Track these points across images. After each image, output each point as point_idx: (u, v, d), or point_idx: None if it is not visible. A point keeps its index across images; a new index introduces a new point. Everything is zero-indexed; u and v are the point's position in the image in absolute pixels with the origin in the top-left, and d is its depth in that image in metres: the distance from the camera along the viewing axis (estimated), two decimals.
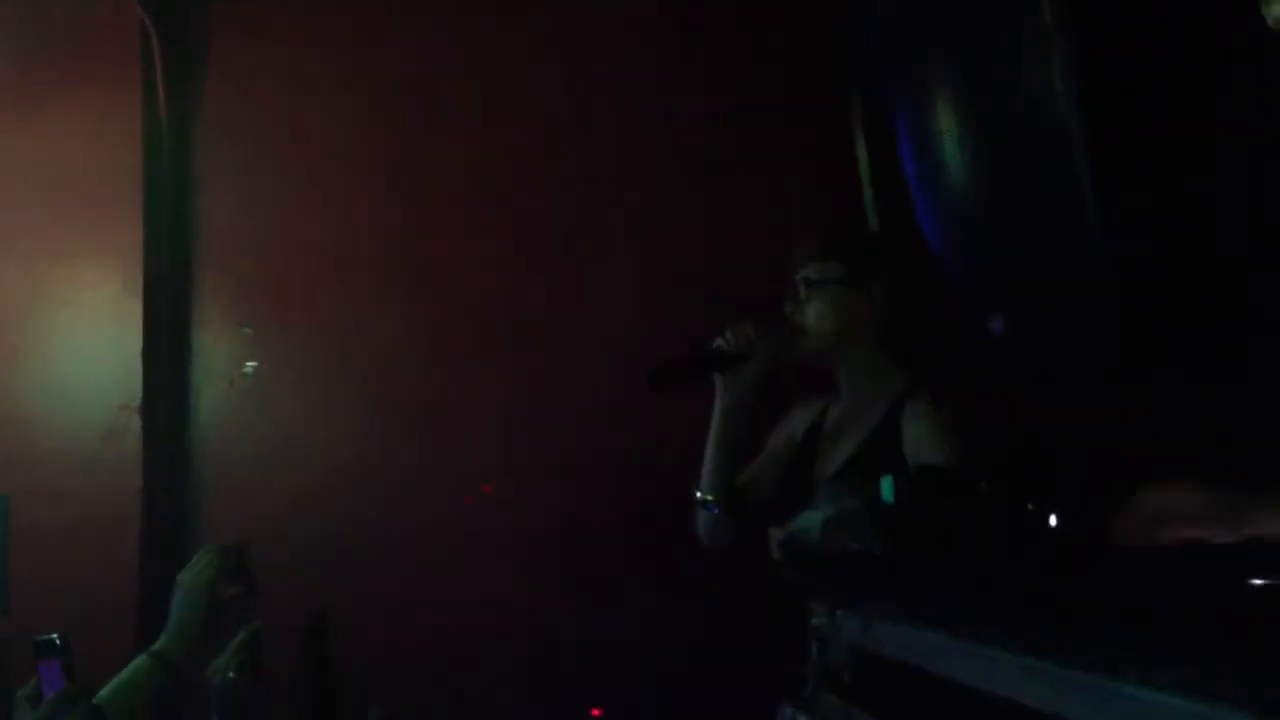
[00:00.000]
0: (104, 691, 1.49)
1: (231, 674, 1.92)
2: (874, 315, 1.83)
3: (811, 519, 0.78)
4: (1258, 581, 0.60)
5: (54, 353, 2.64)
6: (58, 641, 1.40)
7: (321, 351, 2.76)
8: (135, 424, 2.60)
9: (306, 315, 2.77)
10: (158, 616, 2.42)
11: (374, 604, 2.65)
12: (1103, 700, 0.65)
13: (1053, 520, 0.86)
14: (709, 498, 1.93)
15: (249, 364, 2.73)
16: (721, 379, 1.87)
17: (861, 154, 2.76)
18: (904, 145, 2.54)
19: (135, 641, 2.46)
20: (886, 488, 0.75)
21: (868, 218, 2.74)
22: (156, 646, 1.55)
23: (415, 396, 2.75)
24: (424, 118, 2.87)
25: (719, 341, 1.85)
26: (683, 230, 2.84)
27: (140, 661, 1.52)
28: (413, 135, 2.86)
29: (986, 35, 2.17)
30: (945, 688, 0.87)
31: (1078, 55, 1.92)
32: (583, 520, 2.70)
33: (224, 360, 2.74)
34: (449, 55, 2.90)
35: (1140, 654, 0.63)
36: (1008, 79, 2.13)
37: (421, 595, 2.66)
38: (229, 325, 2.75)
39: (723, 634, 2.63)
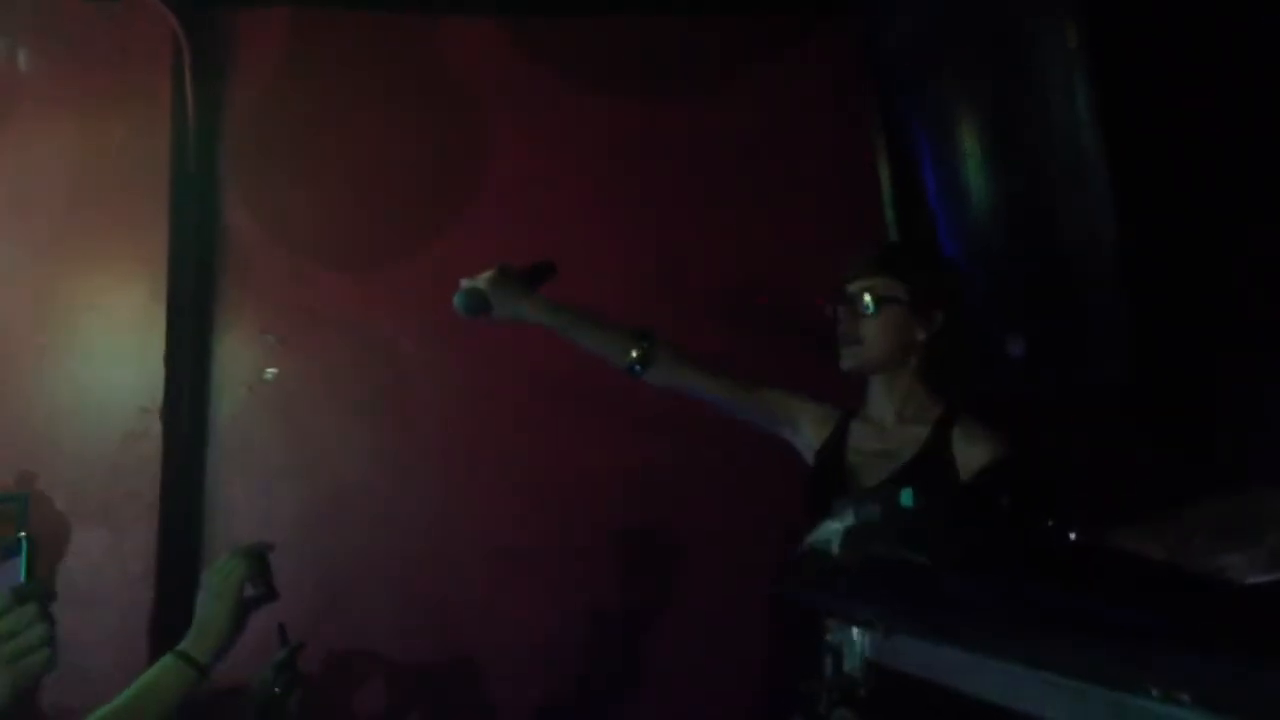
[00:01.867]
0: (129, 691, 1.48)
1: (277, 689, 1.95)
2: (927, 340, 1.83)
3: (831, 529, 0.78)
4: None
5: (77, 356, 2.65)
6: (23, 541, 1.34)
7: (342, 362, 2.77)
8: (155, 427, 2.61)
9: (328, 325, 2.78)
10: (172, 618, 2.44)
11: (386, 612, 2.65)
12: (1126, 717, 0.65)
13: (1073, 536, 0.86)
14: (625, 366, 2.07)
15: (269, 370, 2.75)
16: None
17: (883, 172, 2.76)
18: (926, 164, 2.54)
19: (149, 642, 2.47)
20: (906, 496, 0.75)
21: (887, 235, 2.74)
22: (182, 646, 1.54)
23: (434, 409, 2.76)
24: (454, 133, 2.89)
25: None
26: (698, 246, 2.84)
27: (166, 661, 1.52)
28: (442, 148, 2.88)
29: (1010, 57, 2.18)
30: (963, 703, 0.87)
31: (1100, 79, 1.92)
32: (598, 533, 2.70)
33: (245, 367, 2.75)
34: (474, 65, 2.91)
35: (1165, 671, 0.62)
36: (1030, 101, 2.13)
37: (435, 604, 2.66)
38: (251, 332, 2.77)
39: (733, 649, 2.62)
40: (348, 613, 2.63)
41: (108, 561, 2.53)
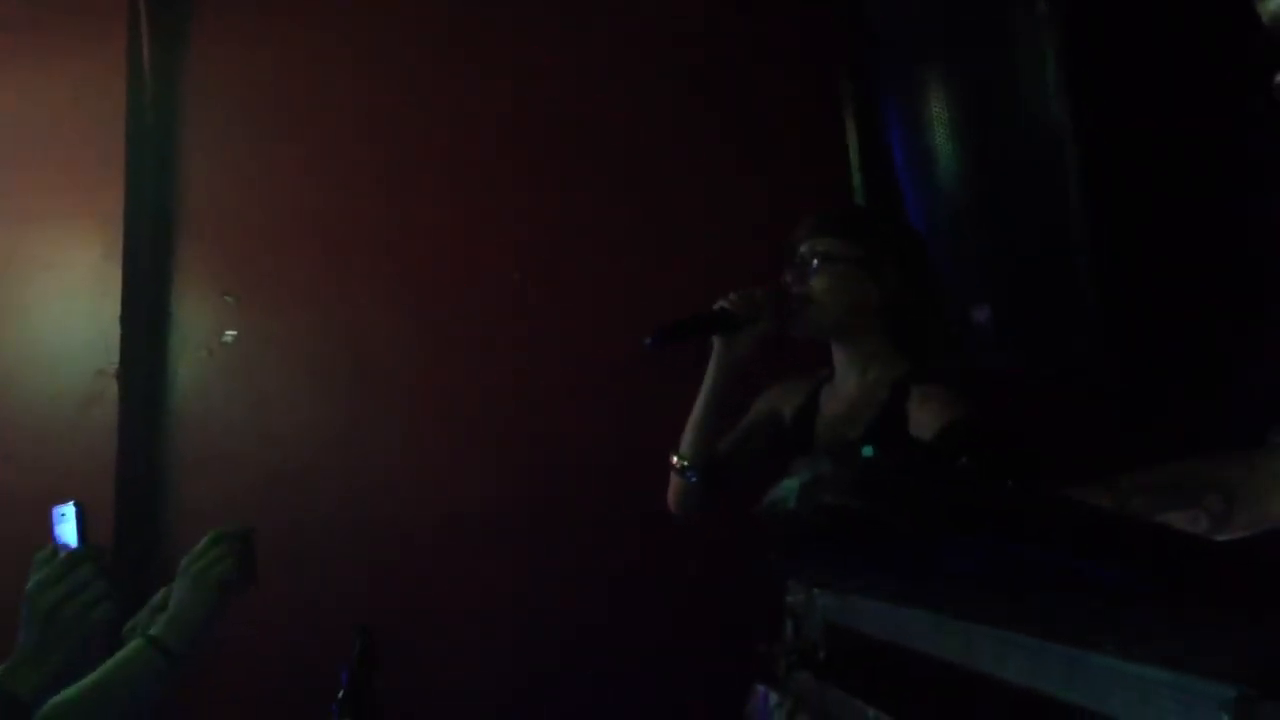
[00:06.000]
0: (96, 674, 1.43)
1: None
2: (883, 301, 1.81)
3: (789, 485, 0.77)
4: (1236, 552, 0.60)
5: (31, 317, 2.61)
6: (75, 506, 1.45)
7: (304, 324, 2.74)
8: (112, 390, 2.57)
9: (290, 287, 2.74)
10: (130, 585, 2.41)
11: (347, 582, 2.63)
12: (1082, 674, 0.64)
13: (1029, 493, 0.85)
14: (685, 463, 1.90)
15: (228, 333, 2.71)
16: (721, 341, 1.83)
17: (851, 141, 2.75)
18: (894, 133, 2.53)
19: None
20: (866, 450, 0.74)
21: (854, 202, 2.73)
22: (154, 632, 1.48)
23: (397, 374, 2.73)
24: (418, 94, 2.84)
25: (722, 303, 1.82)
26: (664, 212, 2.82)
27: (138, 645, 1.46)
28: (406, 109, 2.83)
29: (980, 25, 2.17)
30: (921, 663, 0.86)
31: (1070, 48, 1.91)
32: (560, 501, 2.69)
33: (204, 329, 2.71)
34: (442, 27, 2.87)
35: (1121, 627, 0.62)
36: (1000, 70, 2.12)
37: (397, 575, 2.64)
38: (211, 294, 2.72)
39: (696, 613, 2.62)
40: (308, 578, 2.61)
41: None
